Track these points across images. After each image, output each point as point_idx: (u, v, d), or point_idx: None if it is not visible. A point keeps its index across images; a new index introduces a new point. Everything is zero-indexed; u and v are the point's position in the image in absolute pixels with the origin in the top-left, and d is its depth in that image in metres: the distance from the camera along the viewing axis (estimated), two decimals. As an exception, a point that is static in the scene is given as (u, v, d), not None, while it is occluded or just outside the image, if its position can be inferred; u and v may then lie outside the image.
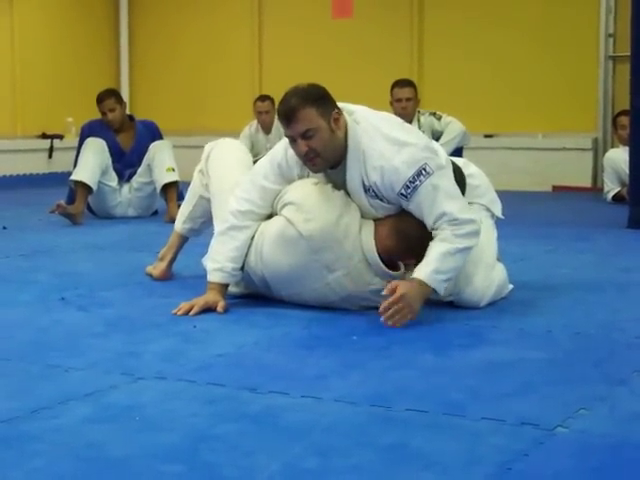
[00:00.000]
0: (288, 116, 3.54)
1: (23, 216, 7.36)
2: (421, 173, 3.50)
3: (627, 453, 2.19)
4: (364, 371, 2.89)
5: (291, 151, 3.68)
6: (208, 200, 4.16)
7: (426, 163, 3.51)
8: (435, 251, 3.50)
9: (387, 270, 3.59)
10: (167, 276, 4.41)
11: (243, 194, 3.80)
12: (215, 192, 4.08)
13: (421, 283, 3.46)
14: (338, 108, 3.59)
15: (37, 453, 2.19)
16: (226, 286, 3.79)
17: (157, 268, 4.42)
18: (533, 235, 6.00)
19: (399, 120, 3.80)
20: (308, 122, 3.52)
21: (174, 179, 6.95)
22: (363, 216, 3.67)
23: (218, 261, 3.76)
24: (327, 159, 3.60)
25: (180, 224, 4.36)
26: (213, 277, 3.76)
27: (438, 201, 3.51)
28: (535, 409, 2.48)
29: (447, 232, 3.50)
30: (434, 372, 2.88)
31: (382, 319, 3.42)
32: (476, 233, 3.57)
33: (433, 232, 3.53)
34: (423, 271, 3.48)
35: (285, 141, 3.77)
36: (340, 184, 3.68)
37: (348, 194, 3.67)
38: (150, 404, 2.57)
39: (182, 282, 4.31)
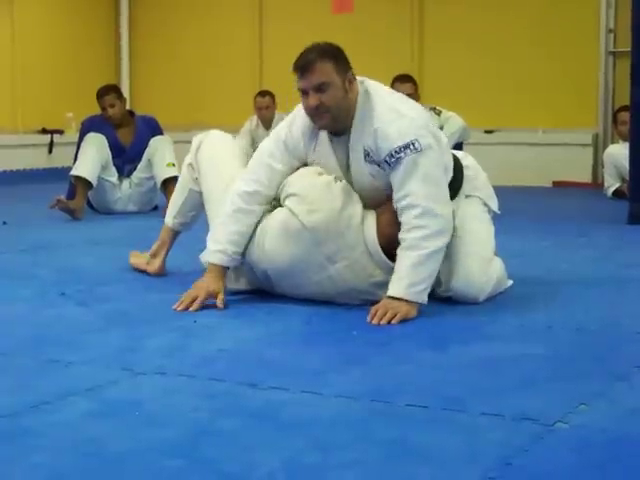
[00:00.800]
0: (305, 67, 3.55)
1: (23, 211, 7.37)
2: (408, 147, 3.50)
3: (627, 448, 2.19)
4: (364, 366, 2.90)
5: (295, 126, 3.70)
6: (198, 193, 4.16)
7: (417, 139, 3.51)
8: (405, 264, 3.48)
9: (389, 261, 3.59)
10: (162, 272, 4.42)
11: (250, 175, 3.79)
12: (209, 190, 4.07)
13: (400, 302, 3.48)
14: (352, 73, 3.61)
15: (37, 448, 2.19)
16: (226, 269, 3.78)
17: (152, 265, 4.42)
18: (533, 230, 6.00)
19: (406, 97, 3.81)
20: (324, 75, 3.53)
21: (174, 174, 6.93)
22: (364, 197, 3.66)
23: (220, 242, 3.74)
24: (335, 117, 3.60)
25: (171, 219, 4.36)
26: (214, 258, 3.75)
27: (411, 178, 3.49)
28: (535, 404, 2.48)
29: (411, 236, 3.48)
30: (434, 367, 2.88)
31: (368, 318, 3.45)
32: (443, 231, 3.52)
33: (399, 235, 3.51)
34: (397, 288, 3.48)
35: (287, 120, 3.78)
36: (343, 152, 3.68)
37: (349, 166, 3.66)
38: (150, 399, 2.57)
39: (181, 277, 4.31)
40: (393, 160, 3.52)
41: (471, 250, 3.72)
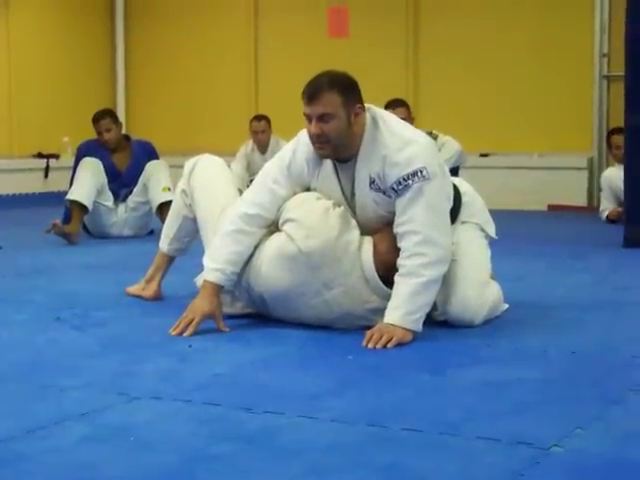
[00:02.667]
0: (312, 95, 3.57)
1: (19, 236, 7.36)
2: (417, 174, 3.51)
3: (622, 473, 2.19)
4: (360, 390, 2.89)
5: (299, 152, 3.71)
6: (192, 220, 4.17)
7: (425, 167, 3.52)
8: (402, 292, 3.49)
9: (385, 288, 3.59)
10: (159, 296, 4.42)
11: (252, 197, 3.80)
12: (204, 217, 4.07)
13: (396, 327, 3.48)
14: (362, 105, 3.61)
15: (32, 473, 2.18)
16: (221, 288, 3.76)
17: (148, 289, 4.42)
18: (529, 254, 6.01)
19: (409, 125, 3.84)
20: (329, 106, 3.54)
21: (170, 198, 6.92)
22: (364, 223, 3.67)
23: (218, 261, 3.73)
24: (336, 149, 3.61)
25: (166, 245, 4.35)
26: (210, 276, 3.73)
27: (415, 205, 3.51)
28: (530, 428, 2.48)
29: (410, 263, 3.48)
30: (430, 391, 2.88)
31: (364, 342, 3.45)
32: (442, 260, 3.53)
33: (398, 263, 3.52)
34: (393, 316, 3.48)
35: (291, 145, 3.78)
36: (348, 179, 3.68)
37: (353, 194, 3.67)
38: (146, 424, 2.56)
39: (177, 301, 4.29)
40: (401, 187, 3.53)
41: (467, 274, 3.72)
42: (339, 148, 3.61)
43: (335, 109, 3.55)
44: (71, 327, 3.85)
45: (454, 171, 7.11)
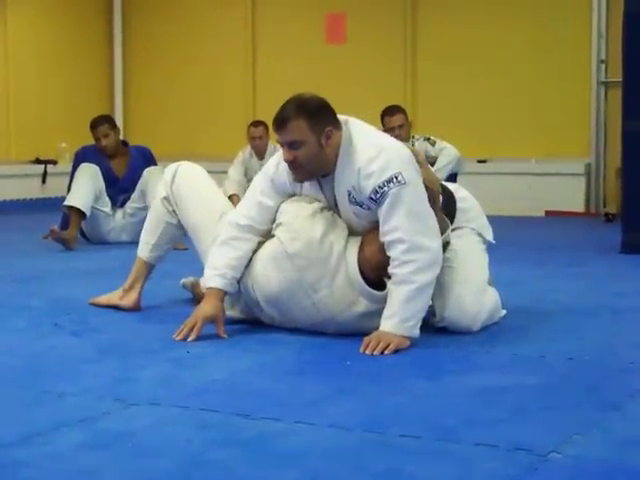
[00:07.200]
0: (279, 124, 3.58)
1: (16, 241, 7.36)
2: (392, 180, 3.49)
3: (621, 479, 2.19)
4: (358, 397, 2.89)
5: (282, 165, 3.72)
6: (176, 226, 4.15)
7: (400, 172, 3.50)
8: (396, 299, 3.49)
9: (371, 290, 3.59)
10: (138, 306, 4.28)
11: (242, 210, 3.83)
12: (198, 227, 4.06)
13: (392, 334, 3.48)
14: (335, 124, 3.59)
15: (31, 479, 2.18)
16: (224, 293, 3.76)
17: (127, 299, 4.28)
18: (526, 260, 6.01)
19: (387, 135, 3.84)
20: (296, 134, 3.54)
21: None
22: (352, 230, 3.68)
23: (218, 268, 3.74)
24: (310, 172, 3.63)
25: (147, 253, 4.24)
26: (212, 282, 3.74)
27: (395, 213, 3.49)
28: (529, 434, 2.48)
29: (401, 271, 3.48)
30: (428, 397, 2.88)
31: (361, 349, 3.45)
32: (433, 264, 3.51)
33: (389, 269, 3.52)
34: (390, 324, 3.48)
35: (275, 158, 3.81)
36: (330, 192, 3.70)
37: (337, 205, 3.68)
38: (143, 430, 2.56)
39: (175, 308, 4.30)
40: (378, 196, 3.51)
41: (464, 279, 3.72)
42: (313, 171, 3.63)
43: (303, 136, 3.54)
44: (69, 333, 3.85)
45: (452, 177, 7.12)
